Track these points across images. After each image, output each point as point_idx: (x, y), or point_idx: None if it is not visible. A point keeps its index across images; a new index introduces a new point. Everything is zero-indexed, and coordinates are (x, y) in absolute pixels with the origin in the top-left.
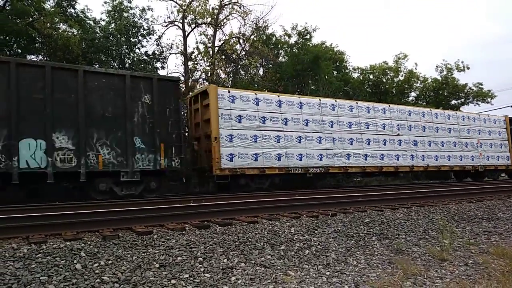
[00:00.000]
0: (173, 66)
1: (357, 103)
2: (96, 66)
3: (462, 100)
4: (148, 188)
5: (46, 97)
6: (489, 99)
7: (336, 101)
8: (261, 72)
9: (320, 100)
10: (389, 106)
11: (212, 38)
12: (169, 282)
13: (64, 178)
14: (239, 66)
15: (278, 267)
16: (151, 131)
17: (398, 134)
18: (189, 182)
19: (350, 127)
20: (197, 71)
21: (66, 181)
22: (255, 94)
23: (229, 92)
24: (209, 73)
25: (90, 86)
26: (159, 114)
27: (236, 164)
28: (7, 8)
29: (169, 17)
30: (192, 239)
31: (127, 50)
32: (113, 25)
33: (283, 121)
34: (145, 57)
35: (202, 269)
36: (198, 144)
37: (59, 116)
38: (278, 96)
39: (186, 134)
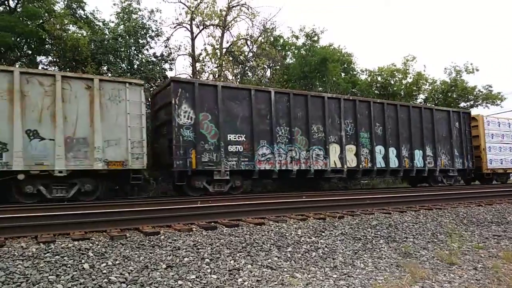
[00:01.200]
0: (181, 68)
1: None
2: (104, 68)
3: (472, 102)
4: (452, 179)
5: (421, 125)
6: (498, 102)
7: None
8: (268, 73)
9: None
10: None
11: (220, 40)
12: (176, 283)
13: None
14: (247, 68)
15: (285, 269)
16: (460, 145)
17: None
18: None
19: None
20: (205, 72)
21: (428, 174)
22: (497, 119)
23: (486, 118)
24: (217, 74)
25: (436, 118)
26: (462, 134)
27: (493, 166)
28: (18, 10)
29: (177, 19)
30: (199, 240)
31: (135, 52)
32: (122, 26)
33: None
34: (153, 59)
35: (208, 270)
36: None
37: (427, 137)
38: (508, 120)
39: None
